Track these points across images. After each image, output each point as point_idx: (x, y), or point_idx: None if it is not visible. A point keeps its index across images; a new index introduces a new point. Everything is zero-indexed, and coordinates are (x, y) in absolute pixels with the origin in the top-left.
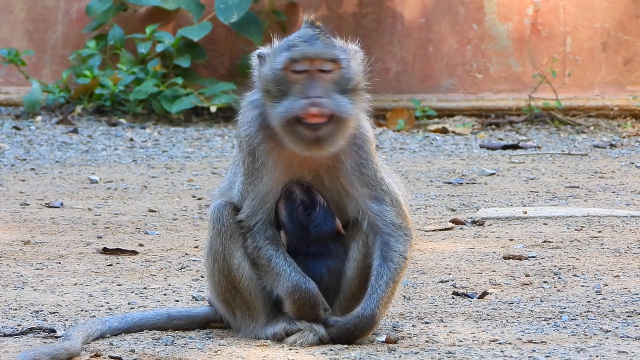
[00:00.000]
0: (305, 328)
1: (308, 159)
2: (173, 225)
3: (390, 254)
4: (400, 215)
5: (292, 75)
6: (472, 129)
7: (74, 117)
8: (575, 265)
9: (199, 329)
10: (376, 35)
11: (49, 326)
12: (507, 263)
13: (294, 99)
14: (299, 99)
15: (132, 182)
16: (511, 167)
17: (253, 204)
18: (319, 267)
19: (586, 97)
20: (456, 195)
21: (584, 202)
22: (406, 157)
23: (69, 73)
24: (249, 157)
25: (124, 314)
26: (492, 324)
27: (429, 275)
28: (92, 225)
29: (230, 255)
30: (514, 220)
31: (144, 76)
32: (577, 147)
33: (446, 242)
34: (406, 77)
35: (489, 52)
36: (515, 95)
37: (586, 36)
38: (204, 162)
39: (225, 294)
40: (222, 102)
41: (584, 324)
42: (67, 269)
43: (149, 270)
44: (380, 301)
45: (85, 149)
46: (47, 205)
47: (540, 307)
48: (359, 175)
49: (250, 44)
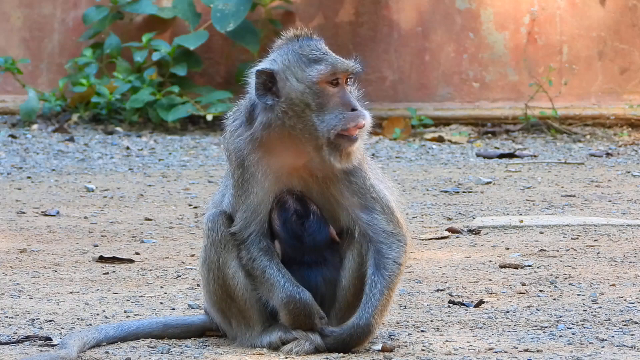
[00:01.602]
0: (301, 337)
1: (298, 169)
2: (169, 233)
3: (383, 261)
4: (392, 222)
5: (329, 88)
6: (468, 137)
7: (70, 125)
8: (572, 274)
9: (195, 337)
10: (372, 44)
11: (45, 334)
12: (503, 272)
13: (339, 112)
14: (344, 112)
15: (129, 191)
16: (507, 175)
17: (245, 216)
18: (314, 276)
19: (582, 106)
20: (452, 204)
21: (580, 211)
22: (402, 165)
23: (65, 81)
24: (238, 169)
25: (120, 323)
26: (488, 333)
27: (425, 284)
28: (89, 234)
29: (225, 265)
30: (510, 229)
31: (140, 85)
32: (573, 156)
33: (442, 251)
34: (402, 85)
35: (485, 61)
36: (511, 104)
37: (582, 45)
38: (200, 171)
39: (221, 303)
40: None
41: (580, 333)
42: (63, 277)
43: (145, 279)
44: (375, 310)
45: (81, 158)
46: (44, 214)
47: (537, 315)
48: (347, 184)
49: (246, 53)
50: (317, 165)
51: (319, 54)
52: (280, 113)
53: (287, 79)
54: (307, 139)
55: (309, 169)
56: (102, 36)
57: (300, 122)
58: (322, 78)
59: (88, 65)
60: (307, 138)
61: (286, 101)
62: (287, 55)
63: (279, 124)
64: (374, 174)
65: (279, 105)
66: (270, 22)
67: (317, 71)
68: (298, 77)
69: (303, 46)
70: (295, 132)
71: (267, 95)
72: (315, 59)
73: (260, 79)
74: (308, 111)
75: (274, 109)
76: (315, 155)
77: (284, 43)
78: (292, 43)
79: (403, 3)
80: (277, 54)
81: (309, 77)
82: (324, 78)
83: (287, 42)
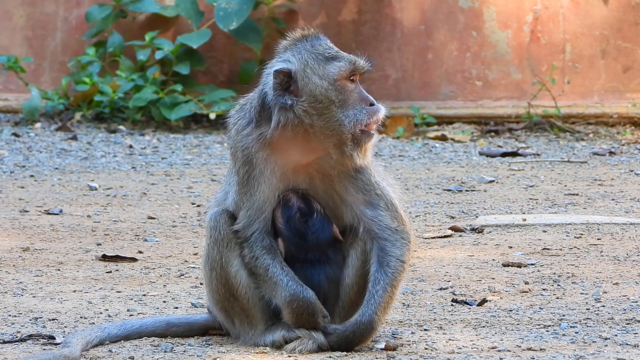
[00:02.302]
0: (304, 335)
1: (305, 167)
2: (172, 232)
3: (386, 258)
4: (396, 219)
5: (348, 84)
6: (471, 136)
7: (73, 124)
8: (575, 273)
9: (198, 336)
10: (375, 42)
11: (48, 333)
12: (506, 270)
13: (361, 107)
14: (364, 107)
15: (132, 189)
16: (510, 174)
17: (249, 213)
18: (318, 275)
19: (585, 105)
20: (455, 202)
21: (583, 210)
22: (405, 164)
23: (68, 80)
24: (244, 166)
25: (123, 321)
26: (491, 332)
27: (428, 283)
28: (92, 232)
29: (227, 263)
30: (513, 228)
31: (143, 83)
32: (576, 155)
33: (445, 250)
34: (405, 84)
35: (488, 59)
36: (514, 102)
37: (585, 44)
38: (203, 169)
39: (224, 302)
40: (222, 109)
41: (583, 332)
42: (66, 275)
43: (148, 277)
44: (378, 307)
45: (84, 156)
46: (47, 212)
47: (540, 314)
48: (353, 180)
49: (249, 51)
50: (329, 162)
51: (333, 52)
52: (300, 112)
53: (308, 77)
54: (327, 136)
55: (316, 167)
56: (105, 35)
57: (321, 120)
58: (343, 75)
59: (91, 63)
60: (329, 134)
61: (308, 99)
62: (301, 55)
63: (296, 122)
64: (377, 171)
65: (299, 105)
66: (273, 21)
67: (337, 68)
68: (320, 75)
69: (315, 45)
70: (313, 129)
71: (286, 95)
72: (332, 56)
73: (278, 79)
74: (333, 107)
75: (294, 109)
76: (335, 152)
77: (292, 43)
78: (302, 43)
79: (406, 2)
80: (289, 54)
81: (330, 73)
82: (344, 75)
83: (295, 42)
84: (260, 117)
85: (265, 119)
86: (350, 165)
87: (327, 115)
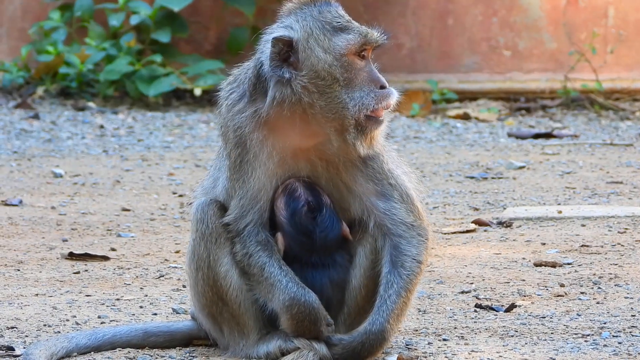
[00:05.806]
0: (304, 346)
1: (306, 151)
2: (150, 226)
3: (401, 258)
4: (412, 213)
5: (357, 60)
6: (498, 114)
7: (34, 100)
8: (618, 274)
9: (180, 347)
10: (386, 6)
11: (7, 343)
12: (539, 271)
13: (369, 89)
14: (374, 89)
15: (103, 176)
16: (544, 159)
17: (242, 203)
18: (320, 278)
19: (631, 78)
20: (480, 192)
21: (628, 200)
22: (422, 147)
23: (29, 49)
24: (236, 148)
25: (94, 330)
26: (521, 342)
27: (448, 285)
28: (57, 227)
29: (216, 262)
30: (547, 222)
31: (117, 53)
32: (620, 136)
33: (468, 247)
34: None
35: (518, 25)
36: (548, 75)
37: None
38: (186, 153)
39: (211, 307)
40: (208, 83)
41: (627, 342)
42: (27, 277)
43: (123, 279)
44: (390, 314)
45: (47, 138)
46: (4, 203)
47: (577, 322)
48: (362, 168)
49: (240, 16)
50: (332, 149)
51: (343, 22)
52: (299, 88)
53: (311, 49)
54: (328, 119)
55: (319, 152)
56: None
57: (322, 100)
58: (351, 49)
59: (55, 30)
60: (330, 118)
61: (308, 74)
62: (306, 22)
63: (294, 100)
64: (390, 157)
65: (298, 79)
66: None
67: (346, 41)
68: (325, 47)
69: (323, 12)
70: (313, 110)
71: (284, 67)
72: (340, 27)
73: (276, 48)
74: (337, 86)
75: (292, 84)
76: (336, 138)
77: (297, 7)
78: (309, 8)
79: None
80: (292, 19)
81: (337, 47)
82: (353, 49)
83: (302, 5)
84: (255, 91)
85: (261, 94)
86: (354, 154)
87: (329, 95)
